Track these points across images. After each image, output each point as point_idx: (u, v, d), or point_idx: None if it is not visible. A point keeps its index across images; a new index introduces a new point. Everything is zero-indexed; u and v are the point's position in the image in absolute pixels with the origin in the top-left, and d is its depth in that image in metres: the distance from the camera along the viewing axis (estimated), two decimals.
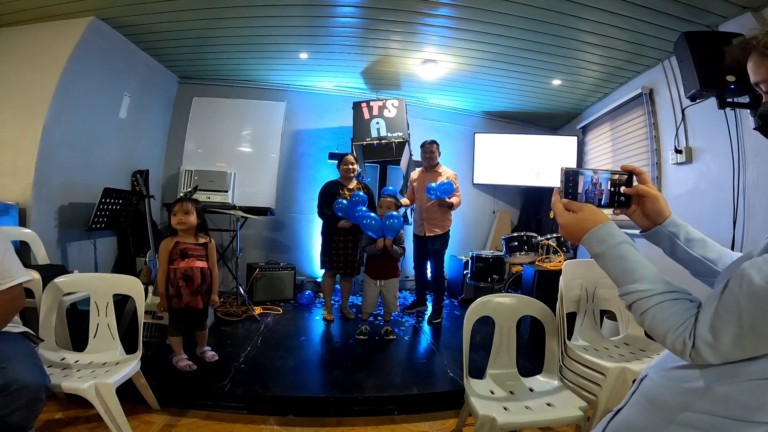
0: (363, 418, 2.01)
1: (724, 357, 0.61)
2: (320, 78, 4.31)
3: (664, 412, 0.71)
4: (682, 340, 0.63)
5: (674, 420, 0.68)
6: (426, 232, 3.43)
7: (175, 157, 4.26)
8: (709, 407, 0.66)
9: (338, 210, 3.12)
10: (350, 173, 3.33)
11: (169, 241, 2.25)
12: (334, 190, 3.30)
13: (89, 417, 1.80)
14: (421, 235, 3.49)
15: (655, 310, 0.67)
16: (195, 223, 2.29)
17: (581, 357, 1.83)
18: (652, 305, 0.67)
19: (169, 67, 4.08)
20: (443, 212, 3.40)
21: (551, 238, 3.35)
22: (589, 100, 4.34)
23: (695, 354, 0.62)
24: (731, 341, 0.59)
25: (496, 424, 1.41)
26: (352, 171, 3.33)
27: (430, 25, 3.05)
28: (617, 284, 0.74)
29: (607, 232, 0.76)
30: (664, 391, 0.73)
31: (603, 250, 0.76)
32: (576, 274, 2.09)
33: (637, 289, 0.70)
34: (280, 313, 3.49)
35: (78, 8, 2.82)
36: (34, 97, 2.74)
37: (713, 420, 0.65)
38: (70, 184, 3.01)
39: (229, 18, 3.04)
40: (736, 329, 0.58)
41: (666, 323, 0.65)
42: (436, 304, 3.48)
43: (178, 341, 2.28)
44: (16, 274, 1.44)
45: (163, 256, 2.22)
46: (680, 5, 2.49)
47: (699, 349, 0.61)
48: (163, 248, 2.24)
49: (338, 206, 3.11)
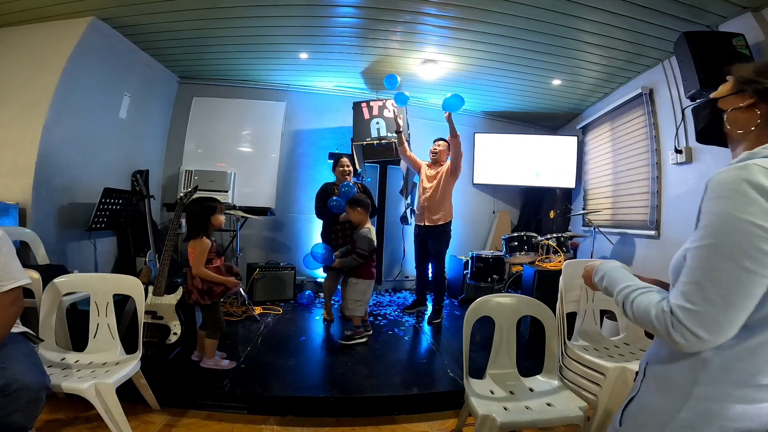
0: (363, 418, 2.01)
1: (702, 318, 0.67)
2: (320, 78, 4.31)
3: (678, 390, 0.75)
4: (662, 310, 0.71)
5: (691, 395, 0.73)
6: (426, 221, 3.43)
7: (175, 157, 4.26)
8: (714, 377, 0.71)
9: (333, 207, 3.21)
10: (346, 175, 3.35)
11: (205, 242, 2.26)
12: (331, 192, 3.32)
13: (89, 417, 1.80)
14: (421, 224, 3.49)
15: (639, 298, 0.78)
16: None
17: (581, 357, 1.83)
18: (636, 295, 0.79)
19: (169, 67, 4.08)
20: (441, 201, 3.40)
21: (551, 238, 3.35)
22: (589, 100, 4.34)
23: (676, 322, 0.68)
24: (700, 298, 0.67)
25: (496, 424, 1.41)
26: (347, 173, 3.35)
27: (430, 25, 3.05)
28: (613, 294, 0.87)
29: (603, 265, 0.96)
30: (670, 371, 0.78)
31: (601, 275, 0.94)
32: (576, 274, 2.09)
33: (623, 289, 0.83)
34: (280, 313, 3.49)
35: (78, 8, 2.82)
36: (34, 97, 2.75)
37: (724, 389, 0.70)
38: (70, 184, 3.00)
39: (229, 18, 3.04)
40: (698, 287, 0.68)
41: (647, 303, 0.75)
42: (436, 304, 3.48)
43: (216, 343, 2.32)
44: (17, 276, 1.45)
45: (203, 257, 2.24)
46: (680, 5, 2.49)
47: (678, 316, 0.68)
48: (203, 249, 2.24)
49: (333, 203, 3.21)
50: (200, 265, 2.23)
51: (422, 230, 3.50)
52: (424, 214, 3.45)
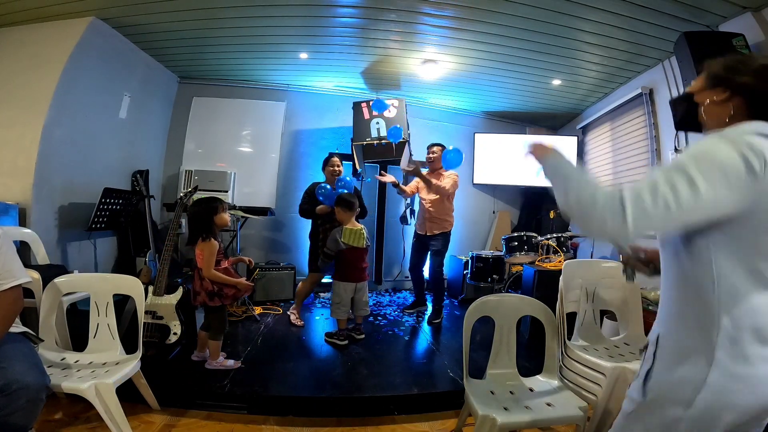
0: (363, 418, 2.01)
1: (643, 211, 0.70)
2: (320, 78, 4.31)
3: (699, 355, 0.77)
4: (611, 193, 0.73)
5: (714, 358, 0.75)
6: (427, 231, 3.43)
7: (175, 157, 4.26)
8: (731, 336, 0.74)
9: (320, 195, 3.14)
10: (335, 174, 3.31)
11: (214, 243, 2.25)
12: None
13: (89, 417, 1.80)
14: (422, 234, 3.49)
15: (589, 179, 0.78)
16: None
17: (581, 357, 1.83)
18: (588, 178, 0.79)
19: (169, 67, 4.08)
20: (444, 212, 3.39)
21: (551, 238, 3.35)
22: (589, 100, 4.34)
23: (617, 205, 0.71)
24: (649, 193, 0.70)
25: (496, 424, 1.41)
26: (337, 173, 3.32)
27: (430, 25, 3.05)
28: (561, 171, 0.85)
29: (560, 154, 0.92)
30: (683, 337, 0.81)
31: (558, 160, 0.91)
32: (576, 274, 2.10)
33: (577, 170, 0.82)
34: (280, 313, 3.49)
35: (78, 8, 2.82)
36: (34, 97, 2.74)
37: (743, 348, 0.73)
38: (70, 184, 3.00)
39: (229, 18, 3.04)
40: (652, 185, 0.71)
41: (596, 185, 0.76)
42: (436, 304, 3.48)
43: (220, 344, 2.31)
44: (18, 275, 1.44)
45: (212, 259, 2.23)
46: (680, 5, 2.49)
47: (624, 199, 0.71)
48: (212, 251, 2.23)
49: (321, 191, 3.14)
50: (211, 267, 2.22)
51: (423, 237, 3.49)
52: (426, 224, 3.43)
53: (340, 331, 2.81)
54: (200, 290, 2.24)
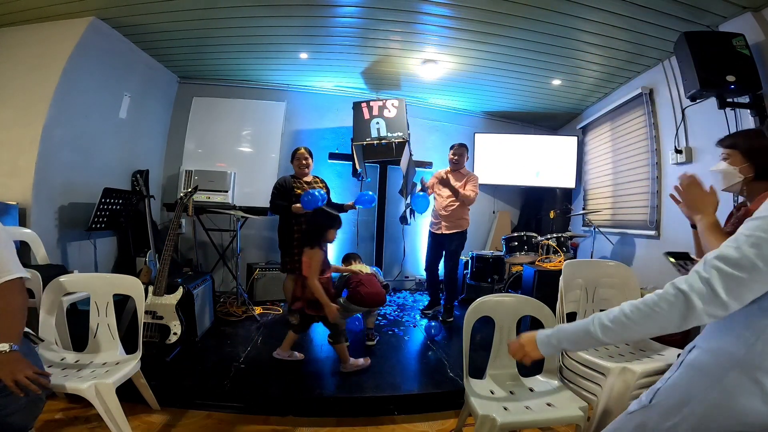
0: (363, 418, 2.01)
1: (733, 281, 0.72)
2: (320, 78, 4.31)
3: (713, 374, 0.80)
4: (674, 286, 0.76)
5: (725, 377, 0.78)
6: (443, 230, 3.42)
7: (175, 157, 4.26)
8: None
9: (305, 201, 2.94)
10: (303, 168, 3.25)
11: (320, 253, 2.31)
12: (290, 185, 3.19)
13: (89, 417, 1.80)
14: (438, 233, 3.48)
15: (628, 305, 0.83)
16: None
17: (581, 357, 1.83)
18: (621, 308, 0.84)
19: (169, 67, 4.08)
20: (460, 212, 3.39)
21: (551, 238, 3.35)
22: (589, 100, 4.34)
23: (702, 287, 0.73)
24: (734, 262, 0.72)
25: (496, 424, 1.41)
26: (305, 165, 3.26)
27: (430, 25, 3.05)
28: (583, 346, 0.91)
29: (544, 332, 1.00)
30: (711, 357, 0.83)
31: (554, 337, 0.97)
32: (576, 274, 2.10)
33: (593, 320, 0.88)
34: (280, 313, 3.49)
35: (78, 8, 2.82)
36: (34, 98, 2.75)
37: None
38: (70, 184, 3.00)
39: (229, 18, 3.04)
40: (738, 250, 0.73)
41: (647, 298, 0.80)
42: (448, 303, 3.47)
43: (346, 348, 2.37)
44: (13, 269, 1.37)
45: (318, 268, 2.27)
46: (680, 5, 2.49)
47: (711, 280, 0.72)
48: (318, 259, 2.29)
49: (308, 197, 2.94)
50: (315, 276, 2.25)
51: (439, 237, 3.48)
52: (442, 224, 3.43)
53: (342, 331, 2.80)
54: (301, 296, 2.32)
